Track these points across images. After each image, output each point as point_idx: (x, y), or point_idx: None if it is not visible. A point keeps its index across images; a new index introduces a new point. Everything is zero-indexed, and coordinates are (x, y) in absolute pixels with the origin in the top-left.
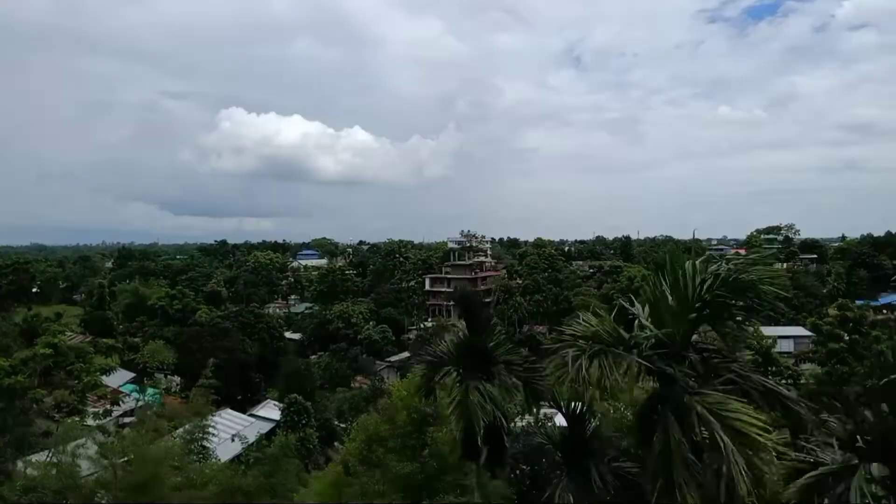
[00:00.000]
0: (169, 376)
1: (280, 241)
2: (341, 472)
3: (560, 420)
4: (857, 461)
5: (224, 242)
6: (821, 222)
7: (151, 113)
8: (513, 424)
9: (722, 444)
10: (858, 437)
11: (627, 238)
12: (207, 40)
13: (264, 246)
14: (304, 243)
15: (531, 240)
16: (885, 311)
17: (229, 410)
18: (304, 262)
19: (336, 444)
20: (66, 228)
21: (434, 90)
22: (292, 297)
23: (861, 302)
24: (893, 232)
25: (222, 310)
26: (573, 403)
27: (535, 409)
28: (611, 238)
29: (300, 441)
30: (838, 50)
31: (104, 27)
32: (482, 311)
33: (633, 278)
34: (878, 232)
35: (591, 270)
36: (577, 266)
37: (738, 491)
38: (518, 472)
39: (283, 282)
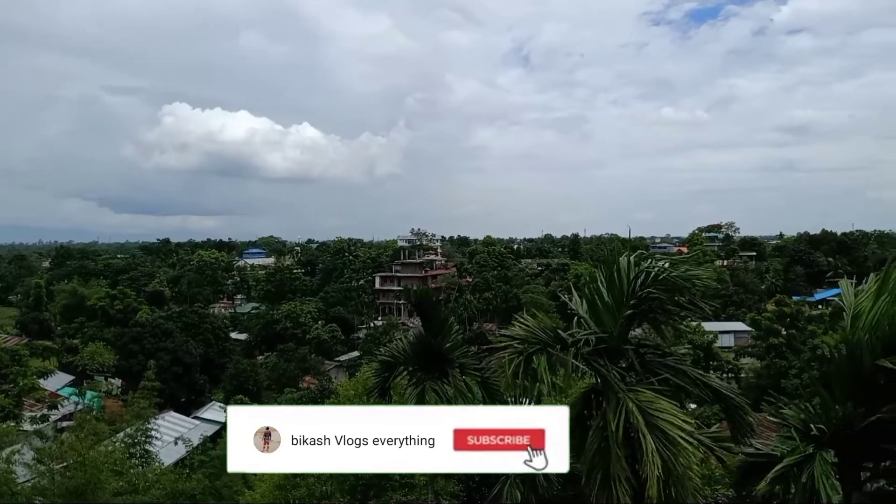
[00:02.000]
0: (109, 378)
1: (226, 239)
2: (288, 473)
3: None
4: (812, 449)
5: (167, 241)
6: (760, 220)
7: (91, 108)
8: None
9: (644, 443)
10: (812, 425)
11: (575, 236)
12: (151, 34)
13: (209, 244)
14: (250, 242)
15: (481, 238)
16: (820, 307)
17: (173, 413)
18: (250, 261)
19: None
20: None
21: (384, 87)
22: (238, 296)
23: (798, 298)
24: (829, 230)
25: (165, 310)
26: (522, 400)
27: None
28: (559, 236)
29: None
30: (776, 53)
31: (44, 20)
32: (438, 311)
33: (580, 276)
34: (815, 230)
35: (540, 268)
36: (526, 264)
37: (648, 491)
38: None
39: (229, 281)
